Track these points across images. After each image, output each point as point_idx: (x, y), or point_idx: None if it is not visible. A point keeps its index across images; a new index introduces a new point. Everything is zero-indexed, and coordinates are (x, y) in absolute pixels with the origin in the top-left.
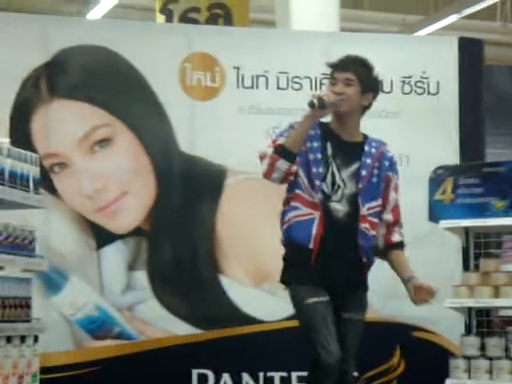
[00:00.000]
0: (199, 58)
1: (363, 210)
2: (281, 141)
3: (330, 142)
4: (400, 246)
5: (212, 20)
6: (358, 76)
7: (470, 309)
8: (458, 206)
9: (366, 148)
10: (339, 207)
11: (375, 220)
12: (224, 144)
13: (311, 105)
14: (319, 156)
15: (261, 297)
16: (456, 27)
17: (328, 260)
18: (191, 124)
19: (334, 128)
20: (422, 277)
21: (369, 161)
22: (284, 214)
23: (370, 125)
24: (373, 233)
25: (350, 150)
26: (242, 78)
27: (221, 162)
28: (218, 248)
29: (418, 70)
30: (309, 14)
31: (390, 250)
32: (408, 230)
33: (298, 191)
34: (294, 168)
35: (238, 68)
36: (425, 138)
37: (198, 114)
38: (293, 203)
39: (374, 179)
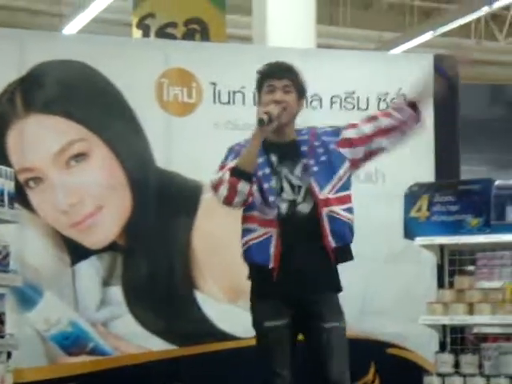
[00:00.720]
0: (176, 74)
1: (324, 194)
2: (233, 164)
3: (273, 153)
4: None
5: (189, 35)
6: (294, 83)
7: (444, 326)
8: (433, 223)
9: (299, 138)
10: (305, 206)
11: (344, 193)
12: (200, 160)
13: (261, 122)
14: (267, 171)
15: (236, 313)
16: (431, 44)
17: (292, 274)
18: (167, 139)
19: (273, 139)
20: (397, 293)
21: (305, 147)
22: (242, 234)
23: None
24: (344, 207)
25: (291, 150)
26: (219, 94)
27: (197, 178)
28: (193, 264)
29: (394, 88)
30: (285, 30)
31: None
32: (383, 246)
33: (252, 212)
34: (254, 188)
35: (214, 84)
36: (400, 155)
37: (174, 130)
38: (248, 225)
39: (323, 158)
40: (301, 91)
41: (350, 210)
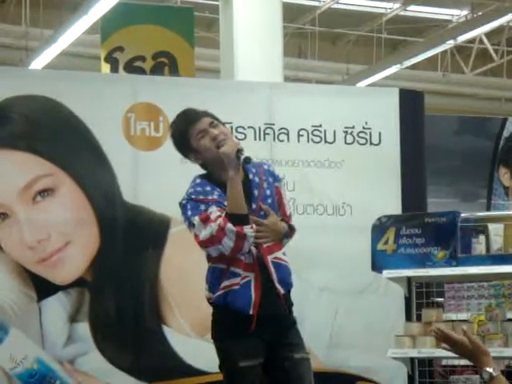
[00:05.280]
0: (143, 108)
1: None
2: (220, 212)
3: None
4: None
5: (157, 68)
6: (213, 117)
7: (412, 359)
8: (400, 255)
9: (250, 177)
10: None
11: None
12: (168, 194)
13: (249, 159)
14: None
15: (204, 347)
16: (399, 77)
17: (265, 317)
18: (135, 174)
19: (224, 175)
20: (365, 326)
21: (256, 191)
22: (212, 273)
23: (314, 174)
24: (283, 251)
25: (245, 190)
26: None
27: (164, 212)
28: (161, 298)
29: (361, 121)
30: (253, 63)
31: None
32: (351, 279)
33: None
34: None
35: None
36: (367, 188)
37: (141, 164)
38: (232, 268)
39: (269, 200)
40: (217, 119)
41: (285, 254)
